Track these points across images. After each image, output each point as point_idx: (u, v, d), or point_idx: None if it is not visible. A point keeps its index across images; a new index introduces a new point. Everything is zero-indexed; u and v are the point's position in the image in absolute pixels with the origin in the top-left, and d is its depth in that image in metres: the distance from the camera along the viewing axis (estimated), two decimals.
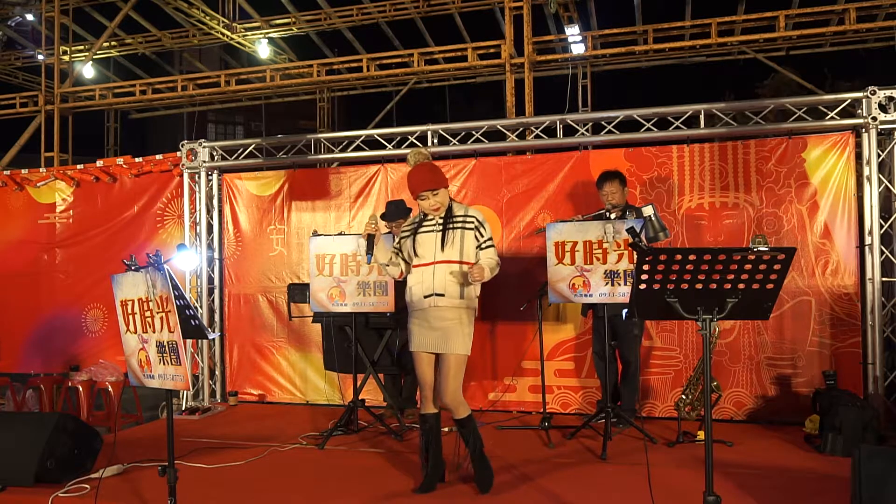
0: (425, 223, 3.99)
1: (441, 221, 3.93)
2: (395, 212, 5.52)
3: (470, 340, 3.90)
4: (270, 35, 11.90)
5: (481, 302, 5.92)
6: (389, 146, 6.39)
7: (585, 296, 4.69)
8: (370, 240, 3.98)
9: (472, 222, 3.90)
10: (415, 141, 6.30)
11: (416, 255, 3.94)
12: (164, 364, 3.29)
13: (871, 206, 5.20)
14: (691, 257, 2.72)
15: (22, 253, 7.49)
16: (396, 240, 4.13)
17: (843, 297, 5.34)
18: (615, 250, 4.59)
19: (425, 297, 3.85)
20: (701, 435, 4.79)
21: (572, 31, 9.54)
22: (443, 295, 3.82)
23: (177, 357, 3.20)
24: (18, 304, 7.43)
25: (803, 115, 5.48)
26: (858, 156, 5.40)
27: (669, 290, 2.80)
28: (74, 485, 4.11)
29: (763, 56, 10.03)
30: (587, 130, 6.03)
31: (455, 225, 3.90)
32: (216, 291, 6.79)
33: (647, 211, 4.79)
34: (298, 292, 5.93)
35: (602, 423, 4.83)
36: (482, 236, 3.91)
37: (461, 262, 3.86)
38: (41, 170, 7.56)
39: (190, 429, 5.63)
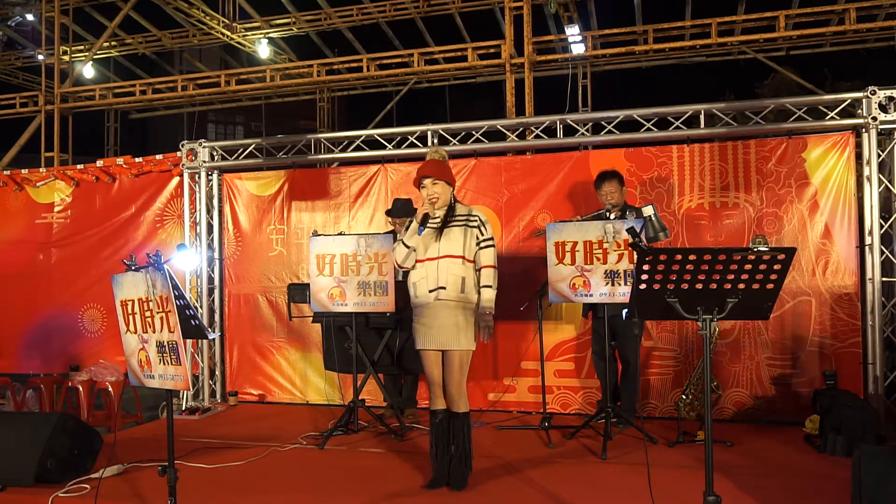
0: (428, 223, 4.04)
1: (442, 218, 4.00)
2: (402, 209, 5.52)
3: (473, 335, 3.98)
4: (270, 35, 11.89)
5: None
6: (389, 146, 6.39)
7: (586, 296, 4.69)
8: (425, 217, 3.98)
9: (476, 221, 3.99)
10: (415, 141, 6.30)
11: (419, 249, 4.01)
12: (164, 364, 3.28)
13: (871, 206, 5.20)
14: (691, 257, 2.72)
15: (20, 253, 7.47)
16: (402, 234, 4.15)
17: (843, 297, 5.34)
18: (615, 250, 4.59)
19: (430, 290, 3.94)
20: (701, 435, 4.79)
21: (572, 31, 9.53)
22: (445, 288, 3.91)
23: (177, 357, 3.20)
24: (17, 304, 7.41)
25: (803, 115, 5.48)
26: (858, 156, 5.40)
27: (669, 290, 2.80)
28: (74, 485, 4.11)
29: (763, 56, 10.03)
30: (587, 130, 6.03)
31: (458, 222, 3.98)
32: (216, 291, 6.78)
33: (647, 211, 4.79)
34: (298, 292, 5.93)
35: (602, 423, 4.83)
36: (482, 234, 4.00)
37: (463, 258, 3.95)
38: (41, 170, 7.55)
39: (190, 429, 5.63)
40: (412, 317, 4.09)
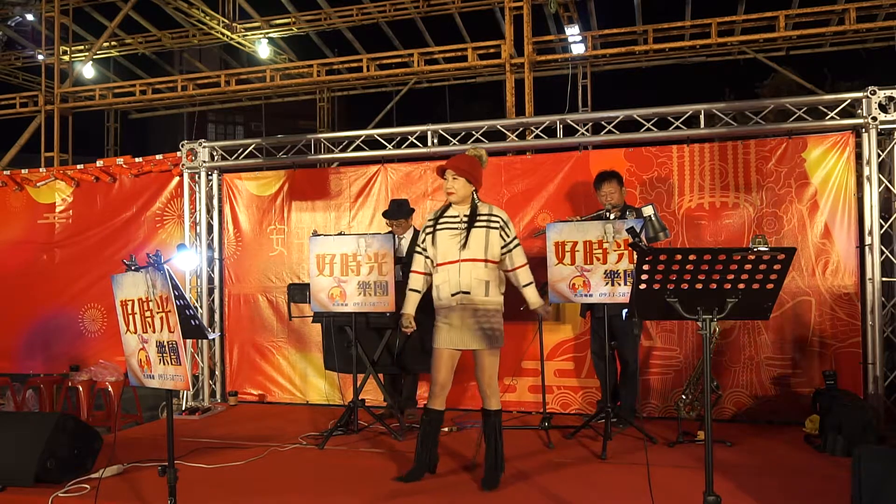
0: (444, 219, 4.05)
1: (465, 219, 3.99)
2: (397, 211, 5.56)
3: (500, 334, 4.01)
4: (270, 35, 11.89)
5: None
6: (389, 146, 6.39)
7: (585, 296, 4.69)
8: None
9: (498, 222, 4.01)
10: (415, 141, 6.30)
11: (438, 252, 4.02)
12: (164, 364, 3.28)
13: (871, 206, 5.20)
14: (691, 257, 2.72)
15: (21, 253, 7.48)
16: (421, 237, 4.16)
17: (843, 297, 5.34)
18: (615, 250, 4.59)
19: (452, 294, 3.94)
20: (701, 435, 4.79)
21: (572, 31, 9.53)
22: (468, 293, 3.92)
23: (177, 357, 3.20)
24: (17, 304, 7.41)
25: (803, 115, 5.48)
26: (858, 156, 5.40)
27: (669, 290, 2.80)
28: (74, 485, 4.11)
29: (763, 56, 10.03)
30: (587, 130, 6.03)
31: (479, 224, 3.98)
32: (216, 291, 6.78)
33: (647, 211, 4.80)
34: (298, 292, 5.92)
35: (602, 423, 4.83)
36: (508, 236, 4.02)
37: (486, 261, 3.96)
38: (41, 170, 7.55)
39: (190, 429, 5.63)
40: (434, 316, 4.07)
